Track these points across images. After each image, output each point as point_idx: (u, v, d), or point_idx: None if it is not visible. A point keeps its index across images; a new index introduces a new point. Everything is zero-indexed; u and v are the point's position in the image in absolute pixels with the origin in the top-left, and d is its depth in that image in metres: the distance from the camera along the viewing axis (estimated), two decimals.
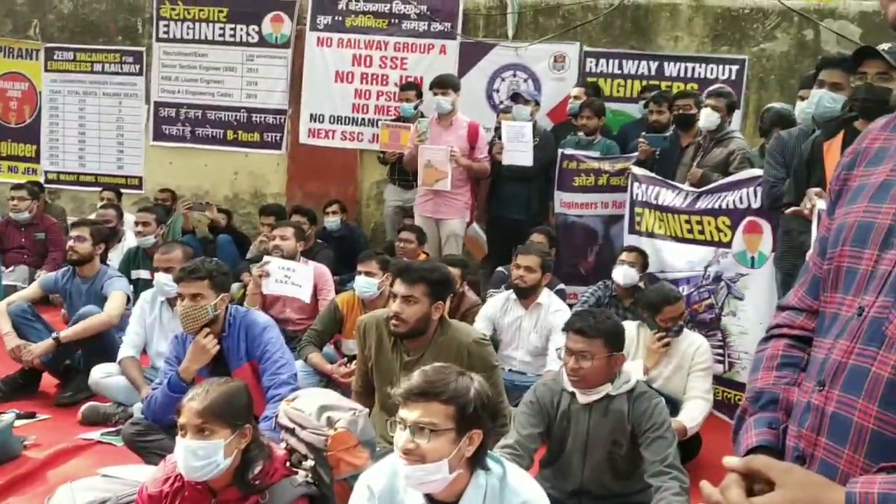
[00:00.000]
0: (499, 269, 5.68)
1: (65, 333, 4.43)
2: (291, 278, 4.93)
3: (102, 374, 4.30)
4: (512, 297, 4.72)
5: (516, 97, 6.22)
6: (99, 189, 7.59)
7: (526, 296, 4.63)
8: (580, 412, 2.98)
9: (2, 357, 4.60)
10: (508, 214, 6.14)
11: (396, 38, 7.33)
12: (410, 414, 2.04)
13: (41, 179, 7.91)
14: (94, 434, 4.02)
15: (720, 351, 4.87)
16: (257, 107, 7.71)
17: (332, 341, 4.79)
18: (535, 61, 7.14)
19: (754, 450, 1.18)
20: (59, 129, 8.15)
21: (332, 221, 6.81)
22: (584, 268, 6.05)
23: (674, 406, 3.98)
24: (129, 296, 4.73)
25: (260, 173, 7.83)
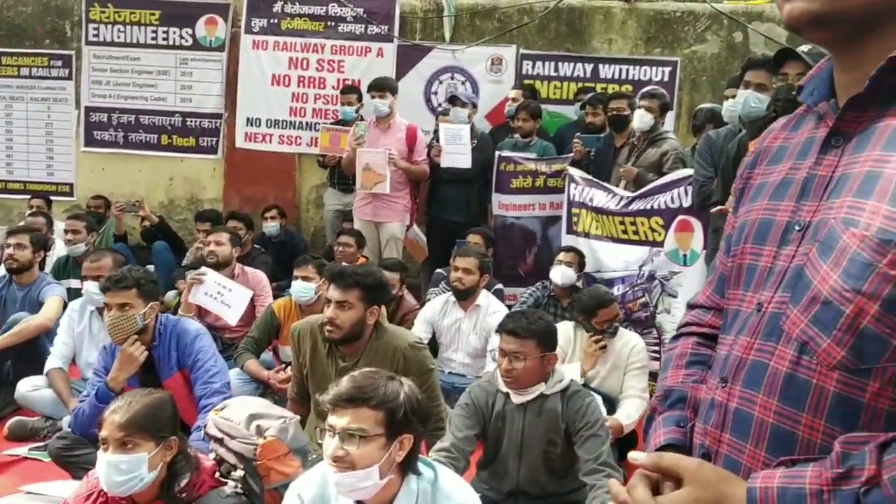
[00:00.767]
0: (438, 270, 5.68)
1: None
2: (223, 296, 4.83)
3: (30, 387, 4.17)
4: (451, 299, 4.72)
5: (454, 100, 6.23)
6: (28, 196, 7.37)
7: (464, 298, 4.64)
8: (515, 413, 2.99)
9: None
10: (448, 217, 6.14)
11: (333, 41, 7.28)
12: (339, 420, 2.01)
13: None
14: (21, 450, 3.90)
15: (656, 348, 4.94)
16: (192, 111, 7.57)
17: (270, 348, 4.73)
18: (473, 64, 7.16)
19: (663, 448, 1.19)
20: None
21: (271, 227, 6.72)
22: (522, 269, 6.09)
23: (611, 405, 4.04)
24: (66, 302, 4.60)
25: (196, 179, 7.69)
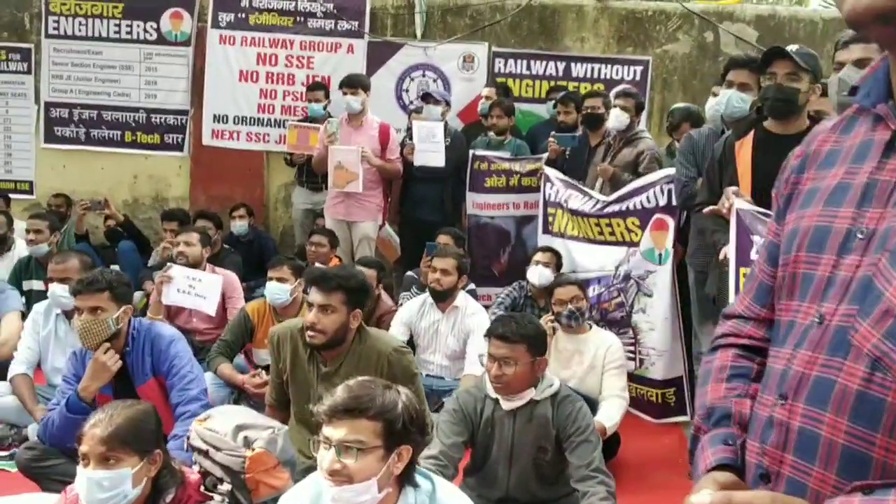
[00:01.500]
0: (408, 273, 5.61)
1: None
2: (196, 289, 4.71)
3: None
4: (428, 300, 4.65)
5: (427, 97, 6.16)
6: None
7: (442, 299, 4.57)
8: (504, 419, 2.93)
9: None
10: (421, 216, 6.07)
11: (302, 37, 7.15)
12: (336, 432, 1.93)
13: None
14: None
15: (632, 348, 4.94)
16: (157, 107, 7.38)
17: (243, 351, 4.62)
18: (444, 61, 7.10)
19: (714, 469, 1.13)
20: None
21: (240, 226, 6.58)
22: (496, 269, 6.04)
23: (591, 406, 4.01)
24: (23, 311, 4.42)
25: (161, 176, 7.51)
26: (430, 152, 5.83)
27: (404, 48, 7.10)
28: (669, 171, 4.59)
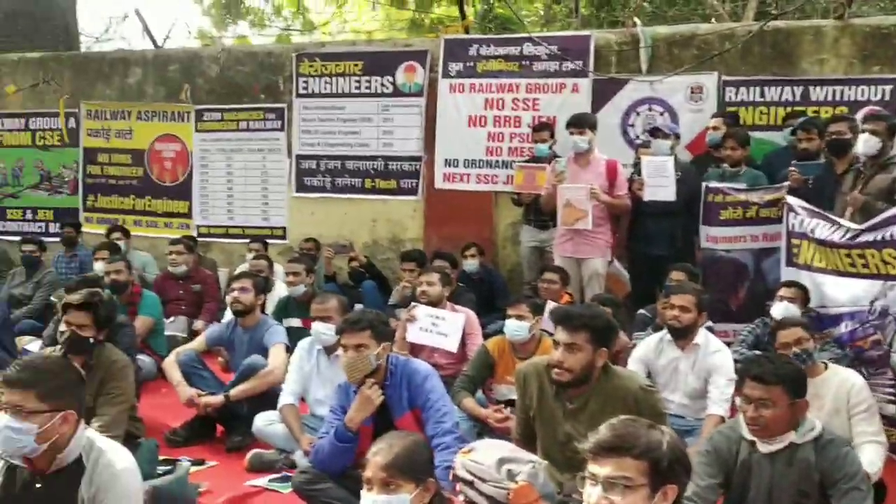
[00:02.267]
0: (640, 311, 5.54)
1: (234, 392, 4.58)
2: (438, 327, 4.97)
3: (265, 422, 4.44)
4: (666, 337, 4.57)
5: (655, 131, 6.12)
6: (247, 241, 7.96)
7: (682, 336, 4.48)
8: (762, 462, 2.83)
9: (174, 405, 4.84)
10: (652, 251, 6.01)
11: (528, 80, 7.38)
12: (602, 469, 1.98)
13: (194, 234, 8.37)
14: (261, 481, 4.14)
15: (892, 390, 4.55)
16: (393, 155, 7.92)
17: (483, 386, 4.79)
18: (671, 94, 7.01)
19: None
20: (208, 185, 8.63)
21: (471, 264, 6.84)
22: (733, 304, 5.82)
23: None
24: (287, 344, 4.88)
25: (397, 219, 8.00)
26: (661, 187, 5.78)
27: (630, 84, 7.11)
28: None
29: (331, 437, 3.45)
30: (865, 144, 4.91)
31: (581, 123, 5.99)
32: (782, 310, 4.62)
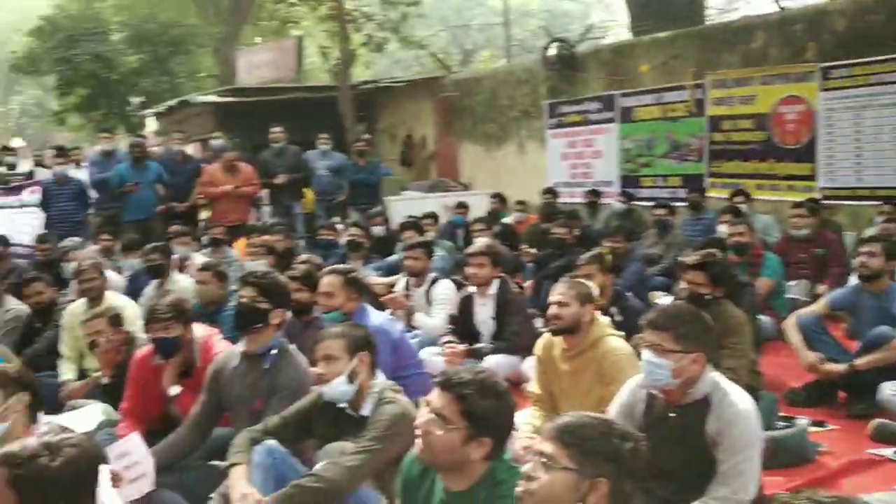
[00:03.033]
0: None
1: (860, 362, 4.40)
2: None
3: (892, 392, 4.20)
4: None
5: None
6: (877, 203, 7.44)
7: None
8: None
9: (794, 366, 4.90)
10: None
11: None
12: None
13: (818, 196, 8.14)
14: (887, 451, 3.96)
15: None
16: None
17: None
18: None
19: None
20: (834, 145, 8.27)
21: None
22: None
23: None
24: None
25: None
26: None
27: None
28: None
29: None
30: None
31: None
32: None
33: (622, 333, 3.92)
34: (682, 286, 4.47)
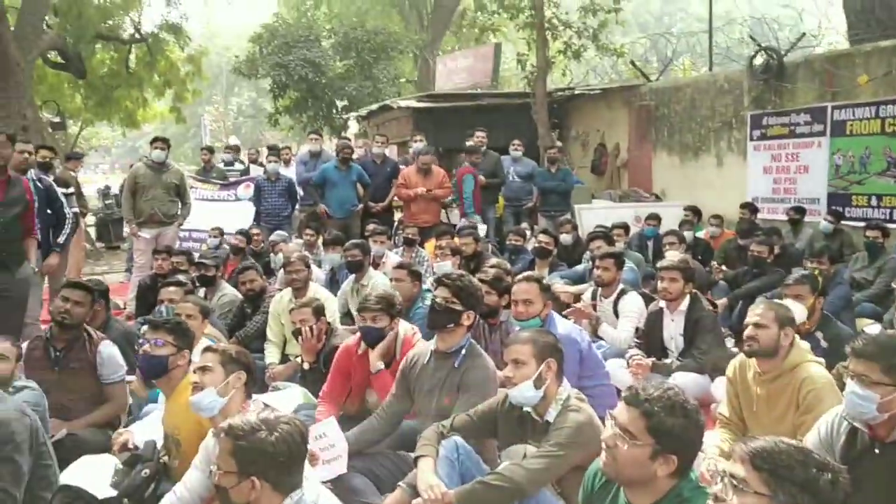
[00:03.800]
0: None
1: None
2: None
3: None
4: None
5: None
6: None
7: None
8: None
9: None
10: None
11: None
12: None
13: None
14: None
15: None
16: None
17: None
18: None
19: None
20: None
21: None
22: None
23: None
24: None
25: None
26: None
27: None
28: None
29: None
30: None
31: None
32: None
33: (822, 360, 3.72)
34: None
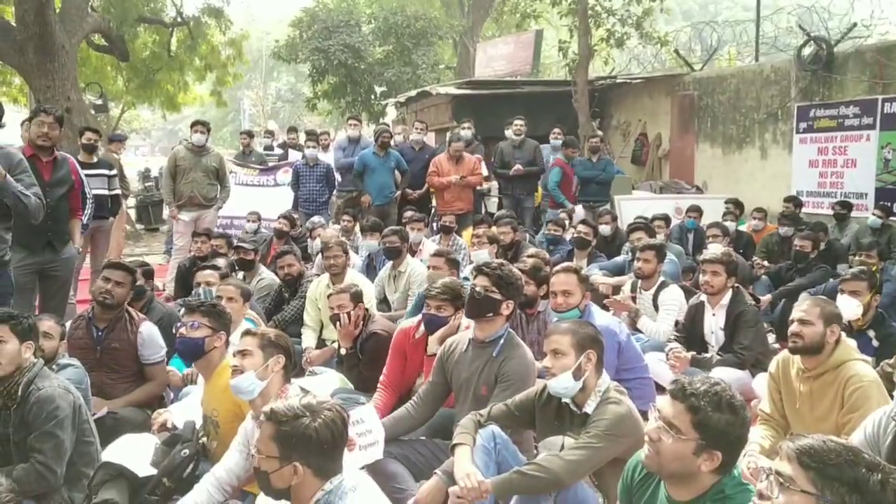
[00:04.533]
0: None
1: None
2: None
3: None
4: None
5: None
6: None
7: None
8: None
9: None
10: None
11: None
12: None
13: None
14: None
15: None
16: None
17: None
18: None
19: None
20: None
21: None
22: None
23: None
24: None
25: None
26: None
27: None
28: None
29: None
30: None
31: None
32: None
33: (870, 359, 3.63)
34: None
